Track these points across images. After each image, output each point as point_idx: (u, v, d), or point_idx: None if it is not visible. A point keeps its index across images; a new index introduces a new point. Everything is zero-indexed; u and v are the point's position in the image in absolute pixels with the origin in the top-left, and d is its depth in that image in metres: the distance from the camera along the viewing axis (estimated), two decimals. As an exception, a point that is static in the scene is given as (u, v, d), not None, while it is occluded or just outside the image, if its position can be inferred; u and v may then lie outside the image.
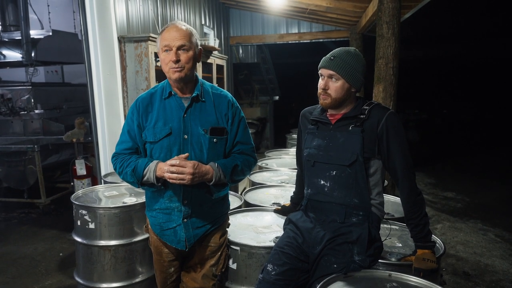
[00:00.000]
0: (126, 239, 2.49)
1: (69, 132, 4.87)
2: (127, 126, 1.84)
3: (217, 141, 1.82)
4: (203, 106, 1.82)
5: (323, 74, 1.79)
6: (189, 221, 1.84)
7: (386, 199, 2.36)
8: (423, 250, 1.71)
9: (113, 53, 3.88)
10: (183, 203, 1.81)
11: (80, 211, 2.51)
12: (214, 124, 1.81)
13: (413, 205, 1.74)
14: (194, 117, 1.79)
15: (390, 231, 2.18)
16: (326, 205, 1.81)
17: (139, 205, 2.53)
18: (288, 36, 8.31)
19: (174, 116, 1.78)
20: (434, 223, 4.81)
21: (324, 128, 1.86)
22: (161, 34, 1.75)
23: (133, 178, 1.75)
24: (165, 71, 1.77)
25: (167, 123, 1.77)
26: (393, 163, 1.74)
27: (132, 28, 4.37)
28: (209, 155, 1.80)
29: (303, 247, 1.80)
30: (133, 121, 1.81)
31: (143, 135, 1.80)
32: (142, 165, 1.74)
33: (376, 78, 3.78)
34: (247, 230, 2.26)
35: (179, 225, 1.83)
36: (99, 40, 3.78)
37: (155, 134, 1.77)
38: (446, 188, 6.49)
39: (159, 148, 1.78)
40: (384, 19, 3.65)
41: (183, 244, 1.85)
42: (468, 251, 4.01)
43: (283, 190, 3.02)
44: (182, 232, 1.84)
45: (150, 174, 1.71)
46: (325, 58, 1.80)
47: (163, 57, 1.75)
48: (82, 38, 3.85)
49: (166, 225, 1.85)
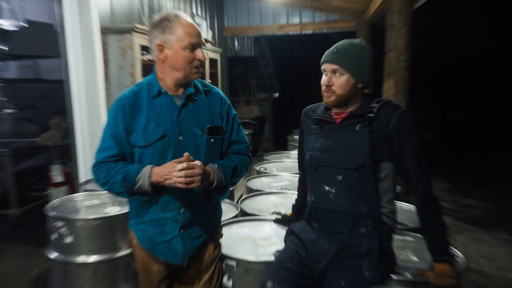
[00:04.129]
0: (108, 255, 2.48)
1: (44, 134, 4.85)
2: (110, 130, 1.79)
3: (214, 141, 1.84)
4: (196, 104, 1.84)
5: (326, 70, 1.79)
6: (186, 232, 1.83)
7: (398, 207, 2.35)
8: (442, 264, 1.70)
9: (94, 45, 3.86)
10: (179, 212, 1.81)
11: (56, 223, 2.50)
12: (209, 123, 1.83)
13: (429, 214, 1.74)
14: (188, 116, 1.80)
15: (404, 243, 2.17)
16: (332, 214, 1.80)
17: (123, 215, 2.52)
18: (289, 27, 8.32)
19: (166, 116, 1.78)
20: (454, 234, 4.80)
21: (329, 128, 1.85)
22: (181, 28, 1.73)
23: (123, 187, 1.72)
24: (184, 69, 1.77)
25: (159, 125, 1.76)
26: (405, 166, 1.74)
27: (116, 18, 4.37)
28: (206, 156, 1.81)
29: (306, 262, 1.80)
30: (118, 124, 1.77)
31: (131, 139, 1.78)
32: (133, 171, 1.71)
33: (386, 72, 3.79)
34: (243, 242, 2.25)
35: (175, 237, 1.82)
36: (79, 31, 3.77)
37: (147, 137, 1.76)
38: (467, 194, 6.49)
39: (151, 152, 1.76)
40: (394, 7, 3.66)
41: (180, 258, 1.84)
42: (492, 266, 4.00)
43: (284, 198, 3.02)
44: (179, 245, 1.82)
45: (144, 180, 1.69)
46: (328, 52, 1.80)
47: (186, 54, 1.75)
48: (59, 29, 3.84)
49: (159, 238, 1.83)
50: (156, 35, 1.76)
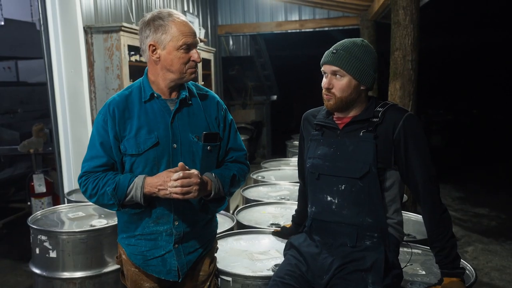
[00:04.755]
0: (95, 270, 2.48)
1: (26, 141, 4.85)
2: (98, 138, 1.78)
3: (211, 149, 1.84)
4: (190, 109, 1.83)
5: (326, 71, 1.81)
6: (180, 246, 1.83)
7: (405, 218, 2.37)
8: (451, 278, 1.71)
9: (78, 46, 3.88)
10: (173, 225, 1.80)
11: (39, 237, 2.50)
12: (205, 129, 1.83)
13: (437, 225, 1.75)
14: (183, 122, 1.80)
15: (411, 256, 2.18)
16: (334, 226, 1.81)
17: (110, 228, 2.52)
18: (287, 24, 8.34)
19: (159, 122, 1.77)
20: (464, 245, 4.83)
21: (331, 134, 1.87)
22: (175, 26, 1.72)
23: (114, 199, 1.70)
24: (179, 70, 1.76)
25: (152, 131, 1.76)
26: (412, 175, 1.76)
27: (101, 16, 4.38)
28: (202, 165, 1.81)
29: (307, 277, 1.80)
30: (107, 131, 1.76)
31: (121, 147, 1.77)
32: (125, 182, 1.70)
33: (392, 73, 3.80)
34: (240, 256, 2.26)
35: (168, 252, 1.82)
36: (61, 31, 3.78)
37: (138, 145, 1.75)
38: (478, 203, 6.51)
39: (143, 161, 1.76)
40: (400, 4, 3.68)
41: (174, 274, 1.83)
42: (505, 279, 4.02)
43: (283, 208, 3.02)
44: (173, 260, 1.82)
45: (137, 191, 1.68)
46: (327, 52, 1.82)
47: (180, 55, 1.74)
48: (40, 28, 3.85)
49: (151, 253, 1.83)
50: (148, 34, 1.75)
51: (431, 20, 7.82)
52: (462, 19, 11.33)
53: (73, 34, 3.85)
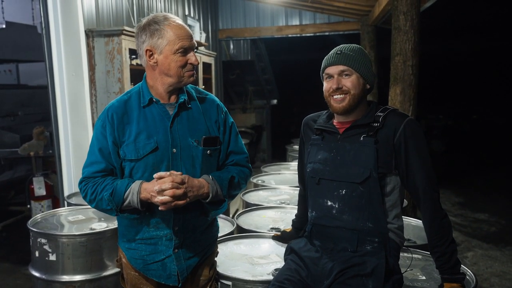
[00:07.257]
0: (95, 274, 2.48)
1: (26, 144, 4.85)
2: (97, 144, 1.79)
3: (211, 153, 1.84)
4: (190, 113, 1.83)
5: (331, 73, 1.81)
6: (180, 251, 1.83)
7: (406, 223, 2.37)
8: (451, 283, 1.71)
9: (79, 49, 3.88)
10: (173, 230, 1.80)
11: (39, 240, 2.50)
12: (205, 133, 1.83)
13: (437, 230, 1.75)
14: (182, 126, 1.80)
15: (411, 261, 2.18)
16: (335, 231, 1.81)
17: (110, 231, 2.52)
18: (288, 29, 8.36)
19: (158, 127, 1.78)
20: (464, 250, 4.82)
21: (331, 138, 1.87)
22: (170, 30, 1.72)
23: (111, 204, 1.71)
24: (177, 74, 1.76)
25: (151, 136, 1.76)
26: (413, 180, 1.76)
27: (103, 20, 4.39)
28: (202, 170, 1.81)
29: (307, 282, 1.80)
30: (106, 136, 1.77)
31: (120, 153, 1.77)
32: (122, 187, 1.70)
33: (393, 78, 3.81)
34: (240, 261, 2.25)
35: (168, 257, 1.82)
36: (63, 34, 3.79)
37: (138, 150, 1.75)
38: (478, 208, 6.51)
39: (142, 166, 1.76)
40: (400, 9, 3.69)
41: (174, 279, 1.83)
42: (505, 285, 4.01)
43: (283, 213, 3.02)
44: (173, 265, 1.82)
45: (134, 197, 1.68)
46: (331, 55, 1.84)
47: (177, 58, 1.74)
48: (42, 31, 3.86)
49: (151, 257, 1.83)
50: (144, 39, 1.76)
51: (431, 26, 7.84)
52: (462, 24, 11.37)
53: (75, 37, 3.85)
